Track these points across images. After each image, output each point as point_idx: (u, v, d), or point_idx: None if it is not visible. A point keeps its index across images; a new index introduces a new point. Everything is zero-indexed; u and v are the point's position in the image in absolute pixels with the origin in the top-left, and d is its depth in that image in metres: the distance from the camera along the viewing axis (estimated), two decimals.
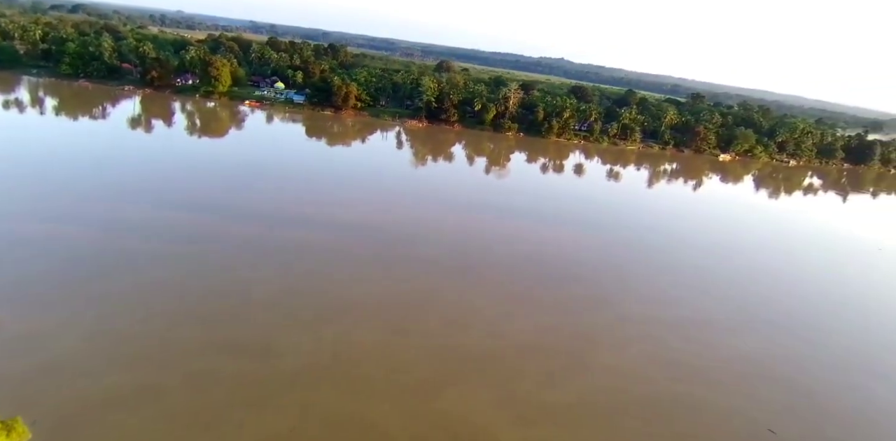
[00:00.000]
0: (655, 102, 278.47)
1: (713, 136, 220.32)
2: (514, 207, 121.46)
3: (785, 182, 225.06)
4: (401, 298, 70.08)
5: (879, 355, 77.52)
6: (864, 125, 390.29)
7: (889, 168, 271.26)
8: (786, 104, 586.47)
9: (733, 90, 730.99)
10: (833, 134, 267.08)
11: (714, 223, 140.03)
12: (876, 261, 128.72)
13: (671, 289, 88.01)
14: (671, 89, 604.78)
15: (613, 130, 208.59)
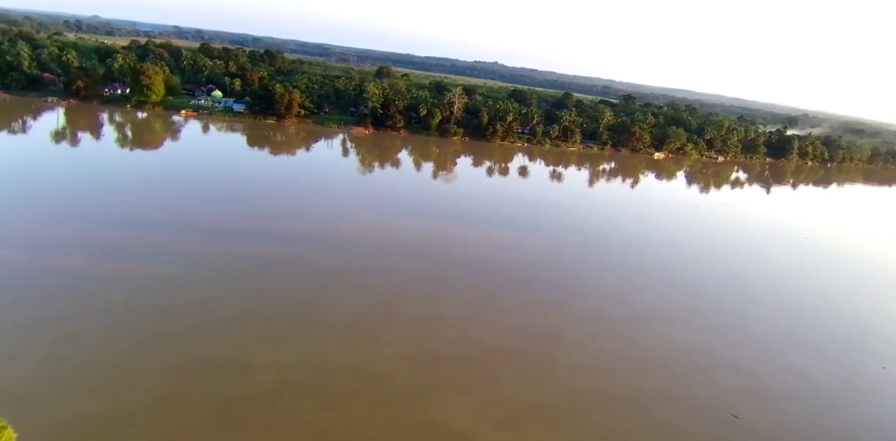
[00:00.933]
0: (591, 104, 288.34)
1: (647, 135, 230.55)
2: (468, 213, 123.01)
3: (714, 177, 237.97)
4: (370, 308, 69.86)
5: (811, 336, 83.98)
6: (780, 121, 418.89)
7: (806, 161, 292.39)
8: (707, 103, 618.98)
9: (658, 90, 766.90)
10: (755, 130, 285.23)
11: (655, 220, 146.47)
12: (805, 248, 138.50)
13: (623, 286, 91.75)
14: (601, 91, 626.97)
15: (555, 132, 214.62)
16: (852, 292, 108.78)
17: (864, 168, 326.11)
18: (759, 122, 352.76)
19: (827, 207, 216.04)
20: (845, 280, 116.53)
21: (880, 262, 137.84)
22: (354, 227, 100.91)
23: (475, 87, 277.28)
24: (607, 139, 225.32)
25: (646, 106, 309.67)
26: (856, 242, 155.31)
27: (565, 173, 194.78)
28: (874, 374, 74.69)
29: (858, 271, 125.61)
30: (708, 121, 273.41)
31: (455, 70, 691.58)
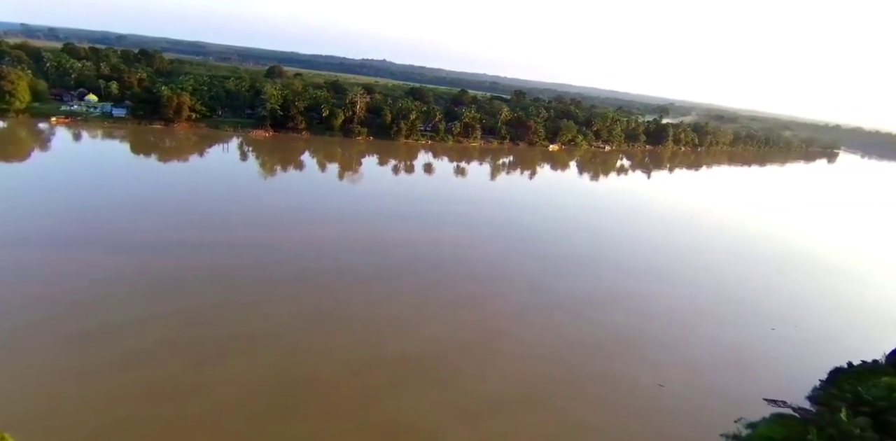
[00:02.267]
0: (485, 100, 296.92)
1: (542, 129, 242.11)
2: (386, 211, 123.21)
3: (602, 165, 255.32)
4: (311, 316, 68.67)
5: (712, 306, 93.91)
6: (652, 111, 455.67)
7: (680, 146, 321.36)
8: (586, 95, 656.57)
9: (541, 85, 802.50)
10: (636, 120, 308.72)
11: (562, 209, 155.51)
12: (692, 227, 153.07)
13: (546, 274, 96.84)
14: (490, 86, 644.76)
15: (457, 129, 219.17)
16: (738, 264, 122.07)
17: (728, 150, 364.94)
18: (637, 113, 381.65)
19: (703, 188, 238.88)
20: (731, 253, 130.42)
21: (755, 235, 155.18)
22: (271, 233, 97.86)
23: (372, 86, 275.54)
24: (506, 134, 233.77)
25: (536, 101, 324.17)
26: (733, 218, 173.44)
27: (470, 168, 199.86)
28: (766, 335, 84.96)
29: (740, 244, 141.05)
30: (593, 113, 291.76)
31: (344, 68, 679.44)
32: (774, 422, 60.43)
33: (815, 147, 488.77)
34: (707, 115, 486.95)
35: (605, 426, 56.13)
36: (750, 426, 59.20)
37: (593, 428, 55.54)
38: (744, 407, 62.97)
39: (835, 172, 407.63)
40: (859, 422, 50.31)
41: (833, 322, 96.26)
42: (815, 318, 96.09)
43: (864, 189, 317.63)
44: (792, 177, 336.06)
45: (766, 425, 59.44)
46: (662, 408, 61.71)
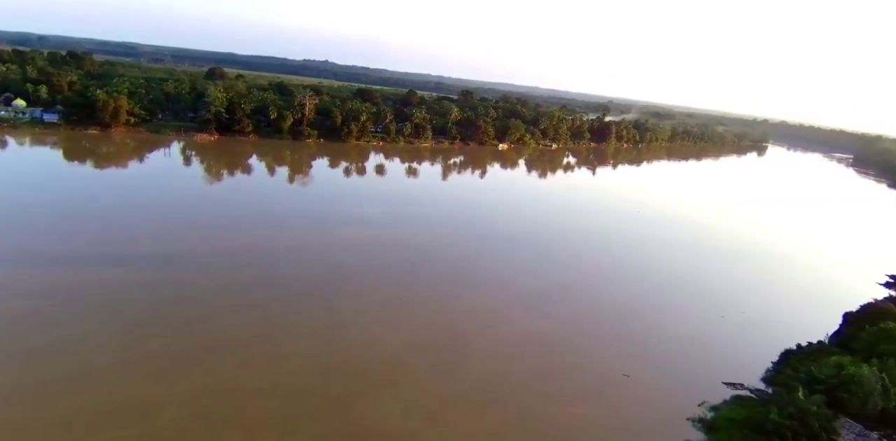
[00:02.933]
0: (433, 101, 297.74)
1: (491, 128, 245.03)
2: (339, 214, 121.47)
3: (550, 163, 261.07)
4: (266, 326, 66.39)
5: (666, 297, 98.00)
6: (592, 109, 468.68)
7: (622, 143, 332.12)
8: (529, 94, 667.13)
9: (486, 84, 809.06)
10: (580, 118, 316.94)
11: (514, 206, 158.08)
12: (639, 221, 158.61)
13: (502, 272, 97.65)
14: (435, 86, 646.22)
15: (408, 130, 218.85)
16: (684, 255, 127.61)
17: (667, 146, 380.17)
18: (580, 111, 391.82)
19: (646, 182, 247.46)
20: (677, 245, 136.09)
21: (699, 226, 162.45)
22: (219, 241, 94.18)
23: (318, 87, 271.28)
24: (456, 134, 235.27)
25: (483, 100, 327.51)
26: (677, 211, 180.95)
27: (423, 168, 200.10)
28: (717, 322, 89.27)
29: (685, 236, 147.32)
30: (540, 113, 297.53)
31: (285, 69, 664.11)
32: (735, 404, 63.83)
33: (747, 141, 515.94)
34: (646, 112, 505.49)
35: (575, 418, 57.49)
36: (713, 409, 62.30)
37: (563, 420, 56.74)
38: (705, 391, 66.15)
39: (765, 164, 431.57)
40: (815, 399, 53.88)
41: (778, 307, 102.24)
42: (760, 304, 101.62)
43: (793, 179, 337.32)
44: (727, 169, 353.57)
45: (728, 407, 62.69)
46: (630, 396, 63.95)
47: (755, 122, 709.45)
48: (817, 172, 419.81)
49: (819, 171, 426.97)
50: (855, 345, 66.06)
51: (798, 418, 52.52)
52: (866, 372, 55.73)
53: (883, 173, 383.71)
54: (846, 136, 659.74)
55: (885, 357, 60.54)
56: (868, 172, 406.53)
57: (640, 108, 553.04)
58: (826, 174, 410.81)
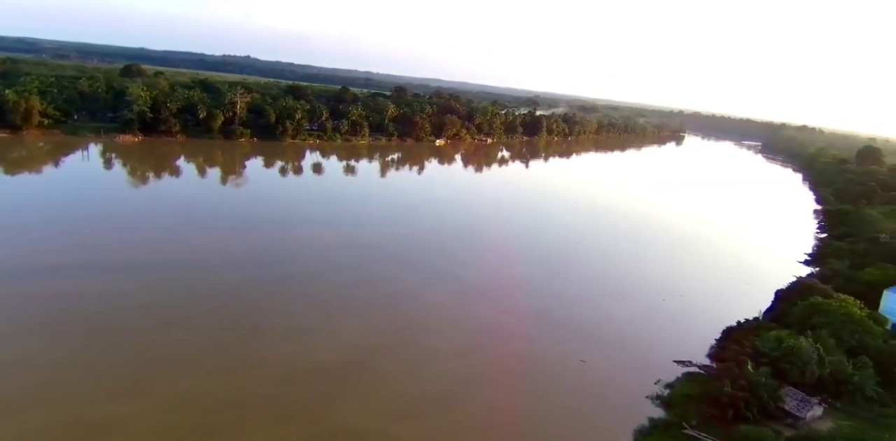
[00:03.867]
0: (365, 97, 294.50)
1: (428, 124, 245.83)
2: (282, 215, 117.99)
3: (486, 157, 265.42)
4: (219, 334, 64.02)
5: (608, 285, 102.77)
6: (522, 103, 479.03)
7: (553, 136, 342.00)
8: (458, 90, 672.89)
9: (415, 80, 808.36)
10: (513, 113, 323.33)
11: (454, 202, 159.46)
12: (577, 212, 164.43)
13: (450, 266, 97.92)
14: (364, 83, 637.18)
15: (345, 127, 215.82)
16: (621, 243, 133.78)
17: (594, 138, 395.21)
18: (510, 106, 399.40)
19: (578, 174, 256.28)
20: (614, 234, 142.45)
21: (632, 215, 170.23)
22: (154, 248, 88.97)
23: (245, 84, 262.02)
24: (393, 131, 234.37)
25: (416, 97, 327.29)
26: (610, 201, 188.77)
27: (361, 166, 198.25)
28: (660, 306, 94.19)
29: (620, 225, 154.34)
30: (474, 108, 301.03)
31: (204, 65, 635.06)
32: (687, 380, 67.94)
33: (666, 131, 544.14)
34: (574, 106, 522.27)
35: (540, 406, 59.17)
36: (668, 386, 66.09)
37: (529, 409, 58.32)
38: (658, 370, 69.89)
39: (684, 153, 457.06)
40: (762, 371, 58.36)
41: (711, 289, 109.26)
42: (695, 287, 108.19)
43: (711, 167, 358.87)
44: (651, 159, 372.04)
45: (681, 384, 66.66)
46: (590, 381, 66.81)
47: (672, 114, 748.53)
48: (731, 159, 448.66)
49: (732, 158, 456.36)
50: (789, 319, 71.85)
51: (749, 390, 56.74)
52: (804, 343, 60.82)
53: (789, 159, 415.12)
54: (754, 125, 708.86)
55: (817, 329, 66.25)
56: (775, 158, 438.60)
57: (567, 103, 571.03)
58: (739, 161, 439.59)
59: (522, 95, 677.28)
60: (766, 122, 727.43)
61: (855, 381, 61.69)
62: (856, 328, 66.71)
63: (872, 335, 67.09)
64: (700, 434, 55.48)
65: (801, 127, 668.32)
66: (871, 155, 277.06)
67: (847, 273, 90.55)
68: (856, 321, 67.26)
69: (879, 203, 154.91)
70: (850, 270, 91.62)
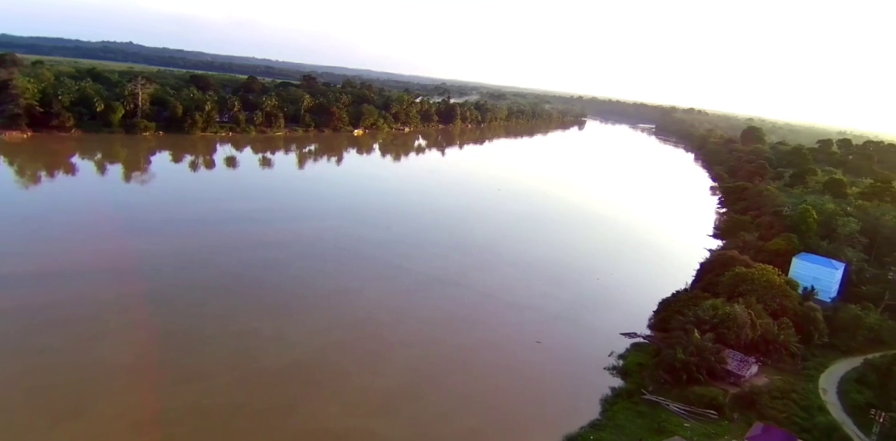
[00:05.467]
0: (273, 86, 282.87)
1: (345, 114, 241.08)
2: (195, 215, 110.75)
3: (403, 146, 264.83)
4: (159, 344, 60.00)
5: (544, 268, 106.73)
6: (429, 91, 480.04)
7: (467, 124, 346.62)
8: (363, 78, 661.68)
9: (319, 68, 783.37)
10: (428, 102, 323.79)
11: (380, 192, 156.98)
12: (503, 197, 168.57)
13: (391, 260, 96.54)
14: (265, 71, 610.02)
15: (259, 119, 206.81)
16: (546, 227, 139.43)
17: (505, 125, 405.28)
18: (424, 94, 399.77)
19: (494, 160, 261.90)
20: (539, 219, 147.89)
21: (553, 199, 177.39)
22: (55, 256, 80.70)
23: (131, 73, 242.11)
24: (310, 121, 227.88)
25: (326, 85, 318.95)
26: (531, 187, 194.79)
27: (280, 159, 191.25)
28: (596, 285, 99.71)
29: (543, 209, 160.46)
30: (389, 97, 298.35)
31: (81, 53, 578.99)
32: (636, 350, 73.10)
33: (569, 117, 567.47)
34: (483, 93, 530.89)
35: (504, 388, 61.26)
36: (621, 358, 70.79)
37: (495, 392, 60.27)
38: (608, 344, 74.76)
39: (586, 136, 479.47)
40: (706, 337, 63.98)
41: (638, 265, 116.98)
42: (624, 264, 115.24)
43: (612, 149, 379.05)
44: (558, 143, 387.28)
45: (632, 354, 71.65)
46: (550, 359, 70.18)
47: (573, 99, 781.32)
48: (629, 142, 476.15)
49: (630, 141, 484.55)
50: (718, 288, 78.86)
51: (697, 354, 62.05)
52: (738, 310, 67.21)
53: (680, 140, 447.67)
54: (647, 109, 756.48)
55: (745, 296, 73.30)
56: (668, 139, 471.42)
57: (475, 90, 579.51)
58: (636, 143, 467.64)
59: (430, 83, 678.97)
60: (657, 106, 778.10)
61: (781, 340, 69.15)
62: (777, 293, 74.56)
63: (790, 299, 75.30)
64: (658, 398, 60.22)
65: (689, 109, 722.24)
66: (753, 134, 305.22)
67: (757, 244, 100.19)
68: (776, 287, 75.13)
69: (770, 178, 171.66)
70: (759, 241, 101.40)
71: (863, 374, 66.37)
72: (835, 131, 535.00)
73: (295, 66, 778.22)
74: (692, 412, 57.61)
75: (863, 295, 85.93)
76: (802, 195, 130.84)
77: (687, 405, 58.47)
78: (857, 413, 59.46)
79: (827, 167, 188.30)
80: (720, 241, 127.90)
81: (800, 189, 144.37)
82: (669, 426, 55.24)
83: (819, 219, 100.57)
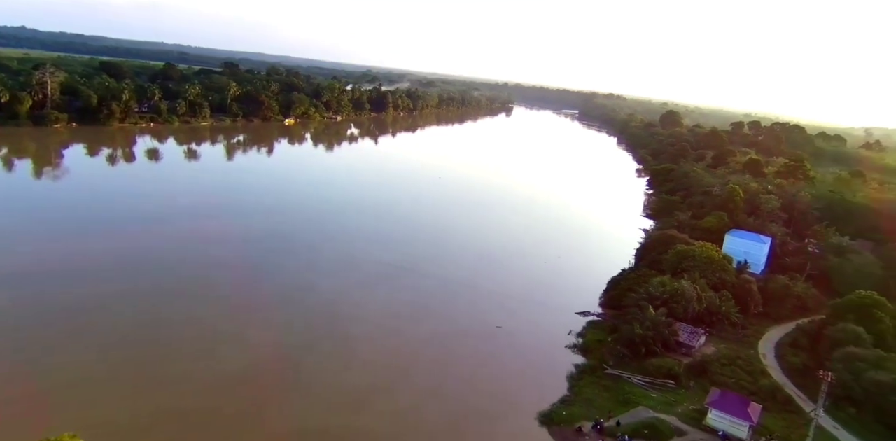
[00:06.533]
0: (193, 74, 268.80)
1: (275, 103, 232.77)
2: (128, 212, 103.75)
3: (336, 135, 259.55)
4: (119, 352, 57.15)
5: (501, 253, 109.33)
6: (356, 78, 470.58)
7: (399, 112, 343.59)
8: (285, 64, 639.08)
9: (236, 55, 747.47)
10: (360, 89, 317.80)
11: (315, 183, 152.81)
12: (443, 185, 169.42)
13: (350, 253, 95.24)
14: (179, 57, 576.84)
15: (182, 108, 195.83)
16: (492, 213, 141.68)
17: (436, 112, 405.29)
18: (348, 81, 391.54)
19: (430, 148, 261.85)
20: (481, 205, 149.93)
21: (491, 186, 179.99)
22: None
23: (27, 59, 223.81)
24: (238, 110, 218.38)
25: (250, 73, 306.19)
26: (467, 174, 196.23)
27: (207, 150, 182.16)
28: (545, 268, 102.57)
29: (484, 196, 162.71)
30: (319, 85, 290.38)
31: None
32: (592, 328, 76.32)
33: (497, 103, 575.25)
34: (415, 81, 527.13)
35: (475, 371, 62.72)
36: (579, 336, 73.73)
37: (466, 375, 61.70)
38: (565, 323, 77.56)
39: (515, 122, 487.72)
40: (660, 312, 67.76)
41: (581, 247, 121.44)
42: (568, 247, 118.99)
43: (541, 135, 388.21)
44: (489, 129, 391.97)
45: (590, 332, 74.76)
46: (512, 342, 71.98)
47: (500, 86, 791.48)
48: (555, 127, 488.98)
49: (556, 126, 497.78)
50: (663, 266, 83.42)
51: (653, 328, 65.70)
52: (685, 285, 71.58)
53: (603, 124, 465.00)
54: (570, 95, 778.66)
55: (688, 271, 78.05)
56: (592, 124, 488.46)
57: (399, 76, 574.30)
58: (562, 128, 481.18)
59: (355, 70, 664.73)
60: (579, 92, 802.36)
61: (723, 311, 74.37)
62: (716, 268, 79.88)
63: (728, 273, 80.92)
64: (620, 372, 63.42)
65: (609, 95, 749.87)
66: (672, 118, 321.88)
67: (691, 223, 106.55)
68: (715, 262, 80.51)
69: (693, 160, 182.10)
70: (693, 220, 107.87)
71: (795, 338, 72.67)
72: (741, 114, 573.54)
73: (209, 52, 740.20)
74: (652, 383, 61.16)
75: (787, 266, 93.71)
76: (725, 175, 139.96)
77: (647, 377, 61.99)
78: (794, 374, 65.34)
79: (742, 148, 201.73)
80: (652, 222, 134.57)
81: (722, 169, 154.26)
82: (634, 397, 58.43)
83: (744, 197, 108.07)
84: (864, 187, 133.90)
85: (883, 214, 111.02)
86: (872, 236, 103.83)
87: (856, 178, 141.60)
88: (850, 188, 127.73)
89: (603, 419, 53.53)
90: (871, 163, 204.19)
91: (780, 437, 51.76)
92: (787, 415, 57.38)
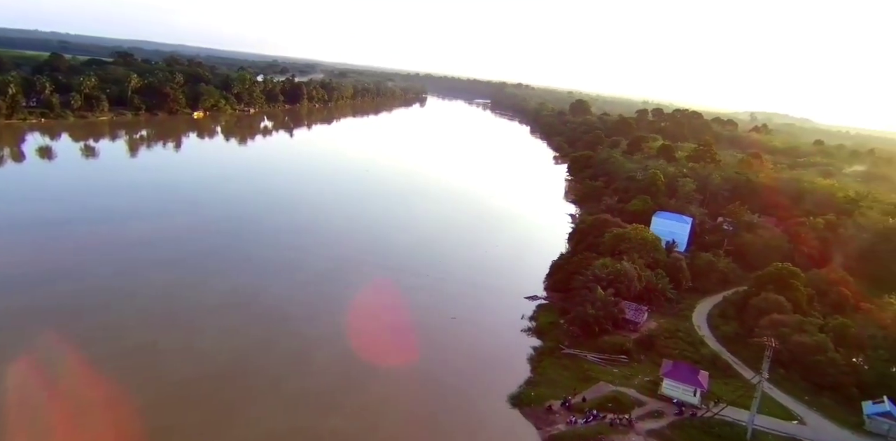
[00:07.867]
0: (80, 64, 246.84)
1: (181, 95, 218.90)
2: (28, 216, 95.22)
3: (248, 129, 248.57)
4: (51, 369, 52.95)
5: (444, 240, 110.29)
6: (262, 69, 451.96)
7: (314, 104, 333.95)
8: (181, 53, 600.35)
9: (125, 43, 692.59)
10: (271, 81, 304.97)
11: (227, 178, 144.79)
12: (373, 180, 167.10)
13: (273, 253, 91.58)
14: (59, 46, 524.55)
15: (77, 102, 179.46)
16: (427, 203, 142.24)
17: (351, 103, 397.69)
18: (257, 71, 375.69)
19: (348, 140, 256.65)
20: (415, 196, 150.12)
21: (419, 179, 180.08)
22: None
23: None
24: (140, 103, 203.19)
25: (147, 63, 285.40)
26: (393, 165, 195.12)
27: (107, 147, 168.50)
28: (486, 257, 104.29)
29: (414, 189, 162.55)
30: (229, 76, 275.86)
31: None
32: (542, 311, 79.09)
33: (411, 94, 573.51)
34: (328, 72, 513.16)
35: (438, 363, 63.16)
36: (532, 319, 76.27)
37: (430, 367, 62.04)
38: (517, 308, 79.89)
39: (429, 112, 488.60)
40: (608, 293, 71.44)
41: (516, 235, 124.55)
42: (504, 236, 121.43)
43: (456, 125, 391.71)
44: (404, 120, 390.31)
45: (541, 315, 77.47)
46: (470, 331, 73.00)
47: (412, 76, 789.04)
48: (468, 116, 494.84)
49: (469, 116, 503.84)
50: (601, 248, 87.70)
51: (602, 308, 69.26)
52: (627, 266, 75.86)
53: (515, 113, 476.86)
54: (481, 85, 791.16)
55: (626, 253, 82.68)
56: (504, 113, 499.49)
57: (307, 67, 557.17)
58: (475, 117, 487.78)
59: (259, 60, 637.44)
60: (490, 82, 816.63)
61: (660, 288, 79.58)
62: (650, 248, 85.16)
63: (660, 252, 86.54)
64: (576, 351, 66.48)
65: (518, 84, 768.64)
66: (581, 107, 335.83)
67: (618, 207, 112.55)
68: (649, 243, 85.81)
69: (608, 147, 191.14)
70: (620, 204, 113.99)
71: (723, 309, 79.28)
72: (639, 101, 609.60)
73: (93, 41, 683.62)
74: (607, 359, 64.70)
75: (707, 243, 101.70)
76: (643, 161, 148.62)
77: (602, 354, 65.46)
78: (727, 342, 71.38)
79: (650, 134, 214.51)
80: (576, 207, 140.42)
81: (639, 155, 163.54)
82: (593, 374, 61.57)
83: (665, 181, 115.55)
84: (763, 168, 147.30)
85: (781, 192, 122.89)
86: (774, 212, 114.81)
87: (755, 159, 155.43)
88: (752, 169, 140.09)
89: (570, 396, 56.10)
90: (761, 145, 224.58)
91: (726, 401, 56.46)
92: (728, 379, 62.80)
